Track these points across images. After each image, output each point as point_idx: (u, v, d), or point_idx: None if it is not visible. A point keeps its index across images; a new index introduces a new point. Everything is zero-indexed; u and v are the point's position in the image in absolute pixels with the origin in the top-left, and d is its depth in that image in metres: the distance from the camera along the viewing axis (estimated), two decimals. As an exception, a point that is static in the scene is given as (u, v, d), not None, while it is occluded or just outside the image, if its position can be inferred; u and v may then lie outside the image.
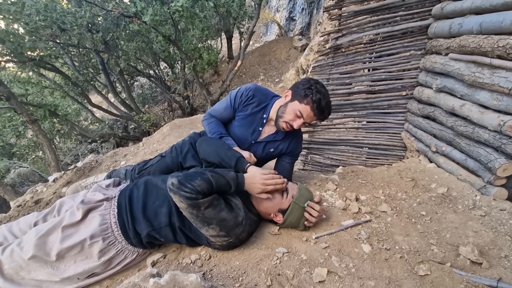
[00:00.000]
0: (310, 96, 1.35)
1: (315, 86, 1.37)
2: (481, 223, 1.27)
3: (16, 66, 5.81)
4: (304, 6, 9.68)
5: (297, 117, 1.39)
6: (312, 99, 1.34)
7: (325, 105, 1.37)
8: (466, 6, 1.63)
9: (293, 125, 1.41)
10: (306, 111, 1.37)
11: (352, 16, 2.33)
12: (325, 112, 1.40)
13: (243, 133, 1.55)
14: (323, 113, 1.39)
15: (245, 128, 1.55)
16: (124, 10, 4.62)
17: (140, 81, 10.28)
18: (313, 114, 1.38)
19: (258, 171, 1.22)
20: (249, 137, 1.55)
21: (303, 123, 1.41)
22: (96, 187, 1.32)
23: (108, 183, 1.36)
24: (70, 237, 1.10)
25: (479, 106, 1.56)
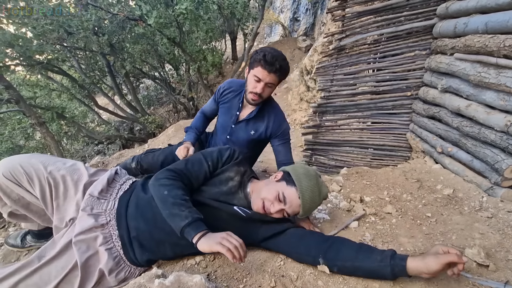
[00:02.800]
0: (256, 57, 1.46)
1: (260, 49, 1.48)
2: (488, 225, 1.25)
3: (24, 69, 5.92)
4: (308, 7, 9.67)
5: (256, 82, 1.49)
6: (258, 58, 1.45)
7: (271, 58, 1.43)
8: (471, 5, 1.62)
9: (256, 91, 1.50)
10: (259, 71, 1.46)
11: (356, 17, 2.33)
12: (275, 63, 1.44)
13: (225, 119, 1.75)
14: (274, 65, 1.44)
15: (226, 115, 1.73)
16: (129, 13, 4.68)
17: (145, 83, 10.37)
18: (265, 70, 1.45)
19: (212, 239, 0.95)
20: (229, 121, 1.72)
21: (264, 85, 1.49)
22: (87, 201, 1.13)
23: (100, 188, 1.17)
24: None
25: (485, 106, 1.54)
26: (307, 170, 1.16)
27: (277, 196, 1.09)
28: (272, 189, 1.11)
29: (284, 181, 1.13)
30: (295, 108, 5.03)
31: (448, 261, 0.90)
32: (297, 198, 1.09)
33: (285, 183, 1.12)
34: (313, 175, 1.15)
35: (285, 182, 1.13)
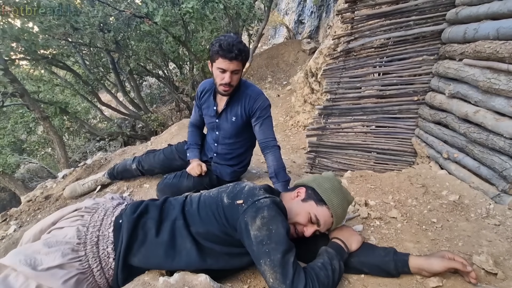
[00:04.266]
0: (213, 49, 1.46)
1: (214, 40, 1.47)
2: (495, 232, 1.24)
3: (29, 63, 5.94)
4: (313, 10, 9.67)
5: (222, 74, 1.50)
6: (216, 50, 1.44)
7: (227, 45, 1.42)
8: (482, 11, 1.61)
9: (225, 82, 1.51)
10: (220, 62, 1.46)
11: (365, 19, 2.32)
12: (233, 50, 1.43)
13: (208, 119, 1.79)
14: (232, 52, 1.43)
15: (208, 114, 1.77)
16: (136, 10, 4.69)
17: (149, 81, 10.38)
18: (226, 59, 1.45)
19: None
20: (212, 118, 1.76)
21: (230, 74, 1.49)
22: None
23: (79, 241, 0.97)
24: None
25: (494, 113, 1.52)
26: (332, 183, 1.09)
27: (310, 219, 1.03)
28: (302, 212, 1.03)
29: (312, 200, 1.05)
30: (299, 110, 5.03)
31: (453, 267, 0.93)
32: (330, 217, 1.04)
33: (314, 203, 1.04)
34: (339, 187, 1.09)
35: (314, 202, 1.04)
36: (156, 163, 2.01)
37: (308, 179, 1.15)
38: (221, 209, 0.98)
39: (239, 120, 1.71)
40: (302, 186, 1.12)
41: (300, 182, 1.16)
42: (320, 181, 1.10)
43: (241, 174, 2.01)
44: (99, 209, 1.08)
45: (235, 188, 1.04)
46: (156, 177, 2.15)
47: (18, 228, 1.95)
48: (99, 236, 0.99)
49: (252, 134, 1.76)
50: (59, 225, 1.01)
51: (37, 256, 0.89)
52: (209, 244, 0.98)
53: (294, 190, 1.13)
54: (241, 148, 1.85)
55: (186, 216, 1.03)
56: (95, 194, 2.12)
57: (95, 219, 1.03)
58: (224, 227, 0.97)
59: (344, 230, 1.12)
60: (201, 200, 1.07)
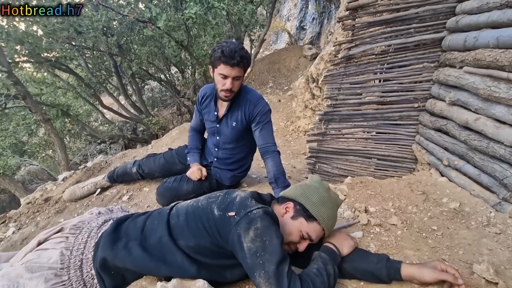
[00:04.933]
0: (215, 55, 1.46)
1: (216, 46, 1.48)
2: (496, 241, 1.23)
3: (32, 66, 5.99)
4: (315, 16, 9.76)
5: (223, 80, 1.51)
6: (218, 56, 1.45)
7: (230, 52, 1.42)
8: (482, 20, 1.62)
9: (226, 88, 1.51)
10: (222, 68, 1.47)
11: (366, 27, 2.34)
12: (235, 56, 1.43)
13: (209, 124, 1.80)
14: (234, 58, 1.43)
15: (209, 119, 1.79)
16: (139, 15, 4.74)
17: (150, 84, 10.44)
18: (228, 65, 1.45)
19: None
20: (213, 123, 1.77)
21: (232, 80, 1.50)
22: None
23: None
24: None
25: (494, 120, 1.53)
26: (319, 194, 1.06)
27: (301, 236, 1.02)
28: (294, 231, 1.02)
29: (302, 217, 1.03)
30: (299, 115, 5.04)
31: (443, 279, 0.93)
32: (322, 230, 1.04)
33: (304, 220, 1.02)
34: (326, 197, 1.07)
35: (304, 219, 1.03)
36: (156, 167, 2.01)
37: (295, 192, 1.10)
38: (212, 221, 0.96)
39: (240, 125, 1.71)
40: (290, 200, 1.09)
41: (287, 195, 1.12)
42: (307, 194, 1.07)
43: (241, 178, 2.01)
44: (84, 229, 1.08)
45: (226, 198, 1.01)
46: (156, 180, 2.15)
47: (17, 230, 1.95)
48: (83, 259, 1.00)
49: (252, 139, 1.77)
50: (43, 246, 1.02)
51: (20, 281, 0.90)
52: (200, 257, 0.96)
53: (282, 203, 1.10)
54: (241, 153, 1.85)
55: (172, 230, 1.01)
56: (94, 197, 2.12)
57: (78, 241, 1.03)
58: (215, 240, 0.95)
59: (337, 234, 1.12)
60: (189, 212, 1.04)
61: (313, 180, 1.14)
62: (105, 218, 1.17)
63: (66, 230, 1.06)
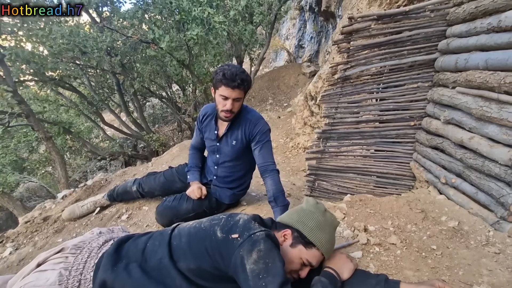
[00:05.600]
0: (217, 77, 1.51)
1: (218, 69, 1.53)
2: (496, 261, 1.23)
3: (36, 85, 6.12)
4: (313, 35, 10.06)
5: (224, 101, 1.55)
6: (219, 78, 1.50)
7: (231, 75, 1.47)
8: (471, 43, 1.70)
9: (227, 109, 1.56)
10: (223, 90, 1.52)
11: (360, 49, 2.43)
12: (236, 79, 1.48)
13: (209, 142, 1.83)
14: (235, 81, 1.48)
15: (209, 137, 1.82)
16: (142, 36, 4.90)
17: (152, 101, 10.60)
18: (229, 87, 1.50)
19: None
20: (214, 142, 1.80)
21: (232, 101, 1.55)
22: None
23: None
24: None
25: (488, 139, 1.56)
26: (316, 219, 1.06)
27: (302, 264, 1.03)
28: (294, 260, 1.02)
29: (301, 244, 1.03)
30: (299, 132, 5.09)
31: None
32: (321, 255, 1.05)
33: (303, 247, 1.03)
34: (323, 221, 1.07)
35: (303, 246, 1.03)
36: (156, 185, 2.02)
37: (291, 217, 1.10)
38: (215, 243, 0.96)
39: (239, 144, 1.74)
40: (287, 227, 1.09)
41: (284, 221, 1.11)
42: (304, 220, 1.07)
43: (241, 197, 2.02)
44: (84, 249, 1.07)
45: (229, 221, 1.02)
46: (156, 199, 2.15)
47: (14, 250, 1.93)
48: (81, 280, 0.99)
49: (251, 157, 1.79)
50: (42, 268, 1.01)
51: None
52: (200, 280, 0.96)
53: (280, 230, 1.10)
54: (240, 171, 1.87)
55: (174, 252, 1.01)
56: (93, 216, 2.11)
57: (78, 261, 1.03)
58: (216, 263, 0.95)
59: (337, 258, 1.12)
60: (191, 233, 1.04)
61: (309, 204, 1.14)
62: (106, 238, 1.16)
63: (67, 250, 1.06)
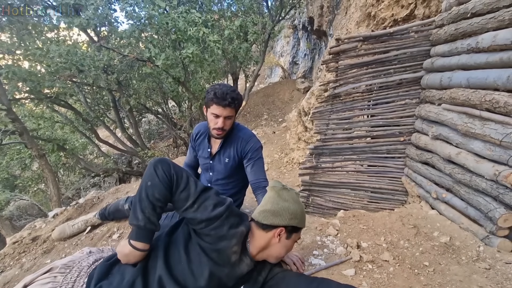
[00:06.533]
0: (208, 96, 1.57)
1: (210, 88, 1.58)
2: (486, 277, 1.23)
3: (32, 102, 6.12)
4: (307, 52, 10.36)
5: (216, 119, 1.59)
6: (211, 97, 1.55)
7: (222, 94, 1.52)
8: (454, 62, 1.77)
9: (218, 127, 1.59)
10: (215, 108, 1.56)
11: (348, 68, 2.51)
12: (227, 97, 1.52)
13: (203, 160, 1.84)
14: (226, 99, 1.52)
15: (202, 156, 1.83)
16: (139, 55, 5.00)
17: (148, 117, 10.65)
18: (220, 106, 1.54)
19: None
20: (206, 159, 1.81)
21: (224, 119, 1.58)
22: None
23: None
24: None
25: (474, 155, 1.60)
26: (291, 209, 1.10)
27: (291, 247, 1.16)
28: (291, 246, 1.15)
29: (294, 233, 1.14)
30: (293, 147, 5.13)
31: None
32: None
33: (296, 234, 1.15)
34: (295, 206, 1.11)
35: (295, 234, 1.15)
36: None
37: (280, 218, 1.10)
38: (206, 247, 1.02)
39: (232, 161, 1.76)
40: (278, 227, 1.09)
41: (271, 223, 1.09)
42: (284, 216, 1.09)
43: None
44: (74, 268, 1.06)
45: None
46: (148, 217, 2.12)
47: (0, 272, 1.87)
48: None
49: (244, 175, 1.80)
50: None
51: None
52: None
53: (270, 230, 1.09)
54: (234, 188, 1.88)
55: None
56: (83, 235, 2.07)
57: (67, 281, 1.00)
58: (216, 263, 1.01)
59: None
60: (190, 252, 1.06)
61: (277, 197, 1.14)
62: (96, 258, 1.14)
63: (56, 269, 1.03)
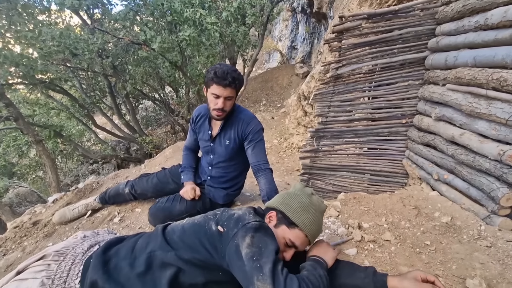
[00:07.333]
0: (209, 76, 1.53)
1: (210, 68, 1.55)
2: (487, 255, 1.24)
3: (26, 88, 5.99)
4: (305, 36, 10.14)
5: (216, 99, 1.56)
6: (211, 76, 1.51)
7: (222, 73, 1.49)
8: (460, 41, 1.72)
9: (218, 107, 1.56)
10: (215, 88, 1.52)
11: (352, 48, 2.45)
12: (227, 77, 1.49)
13: (203, 143, 1.82)
14: (226, 79, 1.49)
15: (203, 138, 1.81)
16: (134, 37, 4.86)
17: (145, 103, 10.51)
18: (220, 86, 1.51)
19: None
20: (207, 142, 1.79)
21: (224, 100, 1.55)
22: None
23: None
24: None
25: (478, 135, 1.58)
26: (300, 201, 1.08)
27: (285, 244, 1.04)
28: (278, 239, 1.02)
29: (284, 225, 1.05)
30: (293, 132, 5.10)
31: None
32: (305, 237, 1.05)
33: (286, 227, 1.04)
34: (308, 202, 1.08)
35: (286, 227, 1.04)
36: (149, 187, 1.99)
37: (277, 200, 1.13)
38: (210, 236, 0.97)
39: (233, 143, 1.74)
40: (272, 209, 1.11)
41: (270, 205, 1.14)
42: (288, 201, 1.09)
43: (235, 197, 2.00)
44: (68, 255, 1.03)
45: (223, 215, 1.03)
46: (148, 201, 2.12)
47: (2, 256, 1.88)
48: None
49: (245, 157, 1.78)
50: (22, 276, 0.96)
51: None
52: (192, 269, 0.96)
53: (266, 213, 1.12)
54: (235, 171, 1.86)
55: (166, 244, 1.00)
56: (84, 219, 2.07)
57: (61, 269, 0.98)
58: (209, 256, 0.96)
59: (319, 246, 1.12)
60: (185, 228, 1.05)
61: (295, 188, 1.17)
62: (91, 243, 1.12)
63: (49, 257, 1.01)
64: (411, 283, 0.96)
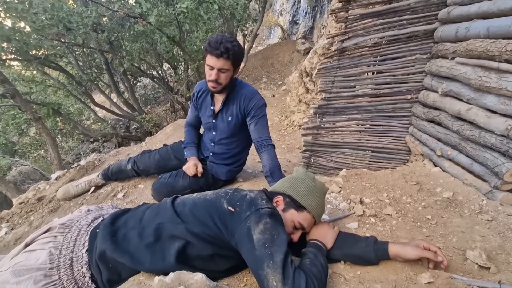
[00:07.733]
0: (204, 46, 1.52)
1: (207, 39, 1.53)
2: (488, 228, 1.26)
3: (21, 64, 5.83)
4: (308, 10, 9.72)
5: (210, 70, 1.54)
6: (205, 47, 1.51)
7: (215, 43, 1.46)
8: (473, 10, 1.64)
9: (212, 79, 1.54)
10: (208, 59, 1.51)
11: (358, 19, 2.34)
12: (219, 47, 1.46)
13: (205, 119, 1.81)
14: (218, 49, 1.46)
15: (205, 114, 1.79)
16: (129, 10, 4.65)
17: (143, 81, 10.31)
18: (213, 56, 1.49)
19: None
20: (209, 118, 1.77)
21: (217, 72, 1.52)
22: None
23: None
24: None
25: (485, 110, 1.55)
26: (306, 184, 1.13)
27: (294, 226, 1.09)
28: (286, 223, 1.07)
29: (293, 208, 1.09)
30: (294, 110, 5.04)
31: (424, 256, 0.99)
32: (312, 218, 1.11)
33: (294, 211, 1.09)
34: (313, 186, 1.13)
35: (295, 210, 1.09)
36: (151, 163, 1.99)
37: (283, 185, 1.17)
38: (222, 213, 0.99)
39: (235, 119, 1.71)
40: (279, 194, 1.14)
41: (276, 189, 1.17)
42: (295, 186, 1.13)
43: (237, 173, 2.01)
44: (73, 227, 1.06)
45: (236, 195, 1.05)
46: (151, 177, 2.13)
47: (10, 230, 1.92)
48: (73, 258, 0.98)
49: (248, 134, 1.76)
50: (31, 248, 0.98)
51: (7, 287, 0.88)
52: (200, 243, 0.98)
53: (272, 198, 1.14)
54: (237, 147, 1.85)
55: (176, 217, 1.02)
56: (88, 195, 2.09)
57: (68, 240, 1.01)
58: (219, 232, 0.98)
59: (319, 228, 1.15)
60: (196, 202, 1.07)
61: (299, 172, 1.21)
62: (95, 215, 1.15)
63: (55, 229, 1.04)
64: (413, 249, 0.99)
